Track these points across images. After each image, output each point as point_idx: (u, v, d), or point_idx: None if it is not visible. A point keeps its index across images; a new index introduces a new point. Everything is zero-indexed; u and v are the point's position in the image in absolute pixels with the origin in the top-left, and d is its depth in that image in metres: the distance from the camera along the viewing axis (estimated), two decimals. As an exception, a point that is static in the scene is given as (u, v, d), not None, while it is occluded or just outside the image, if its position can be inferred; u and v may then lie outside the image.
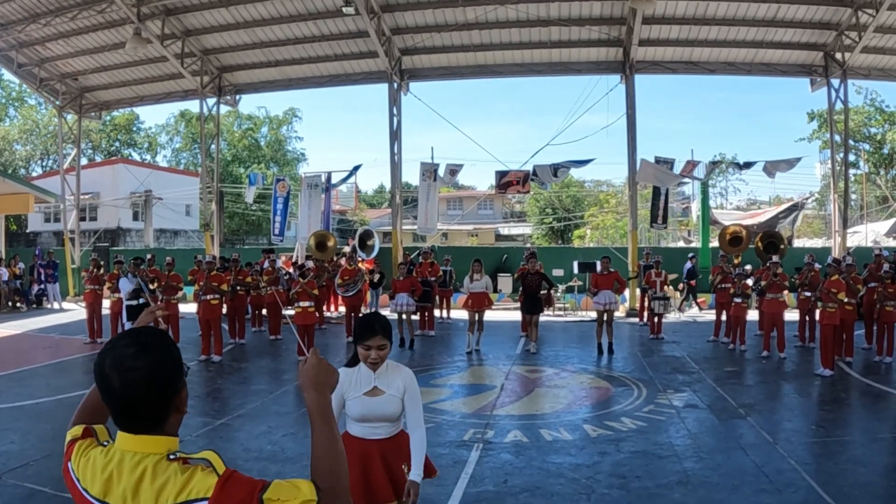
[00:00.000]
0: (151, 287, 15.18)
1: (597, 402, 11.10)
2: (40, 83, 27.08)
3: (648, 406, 10.52)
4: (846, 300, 13.22)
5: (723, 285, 16.72)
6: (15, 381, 12.54)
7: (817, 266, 16.19)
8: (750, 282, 16.60)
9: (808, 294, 14.96)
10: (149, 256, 18.37)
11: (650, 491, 7.06)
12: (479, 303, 16.15)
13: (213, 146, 29.26)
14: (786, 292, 15.35)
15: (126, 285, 13.43)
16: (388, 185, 33.04)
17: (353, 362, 4.49)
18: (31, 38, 24.56)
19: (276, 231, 26.60)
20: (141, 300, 12.96)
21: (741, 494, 6.88)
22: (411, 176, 46.37)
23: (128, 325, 12.98)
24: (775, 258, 15.66)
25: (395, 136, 25.17)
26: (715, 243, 22.90)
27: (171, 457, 1.95)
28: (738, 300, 15.64)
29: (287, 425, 9.52)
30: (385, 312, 22.00)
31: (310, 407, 2.15)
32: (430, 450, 8.33)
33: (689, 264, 22.32)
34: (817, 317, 13.80)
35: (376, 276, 21.64)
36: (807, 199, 35.77)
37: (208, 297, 14.79)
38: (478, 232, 56.99)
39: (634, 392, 11.55)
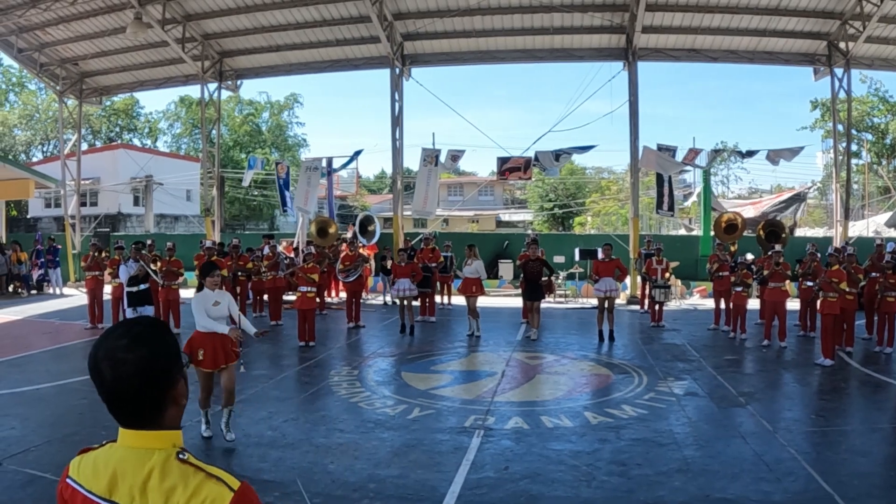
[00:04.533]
0: (153, 268, 15.15)
1: (597, 390, 11.10)
2: (40, 68, 26.99)
3: (649, 394, 10.53)
4: (847, 290, 13.21)
5: (720, 273, 16.71)
6: (15, 366, 12.53)
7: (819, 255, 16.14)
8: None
9: (809, 284, 14.92)
10: (149, 242, 18.28)
11: (650, 478, 7.06)
12: (467, 288, 16.21)
13: (213, 131, 29.21)
14: (787, 282, 15.30)
15: (125, 272, 13.39)
16: (389, 171, 32.95)
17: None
18: (31, 22, 24.46)
19: (287, 207, 26.38)
20: (142, 286, 12.93)
21: (741, 483, 6.89)
22: (413, 161, 46.16)
23: (129, 311, 12.97)
24: (777, 247, 15.63)
25: (396, 121, 25.09)
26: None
27: (181, 456, 1.90)
28: (738, 289, 15.62)
29: (287, 411, 9.53)
30: (387, 298, 22.09)
31: None
32: (431, 436, 8.38)
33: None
34: (818, 306, 13.77)
35: (389, 263, 21.57)
36: (809, 189, 35.66)
37: (208, 282, 14.76)
38: (478, 218, 56.93)
39: (635, 379, 11.55)
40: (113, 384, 1.89)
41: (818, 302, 13.76)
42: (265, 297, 19.22)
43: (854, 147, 33.44)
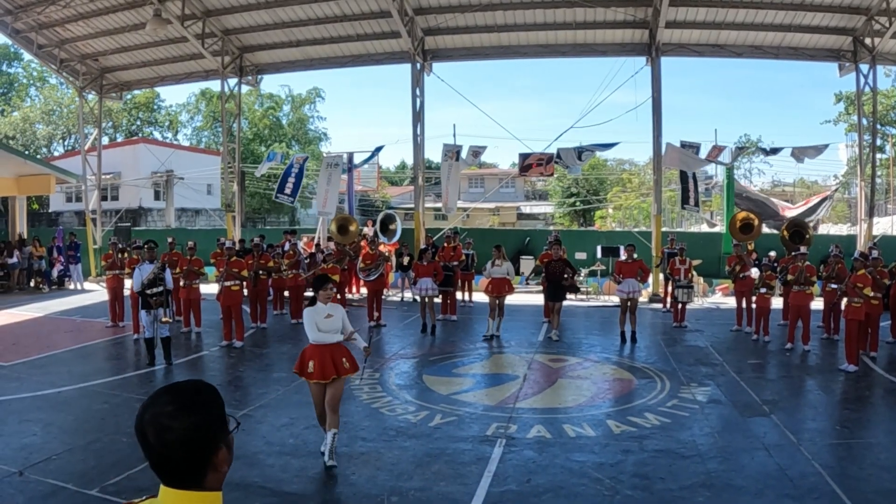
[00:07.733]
0: (170, 287, 14.89)
1: (620, 396, 11.01)
2: (60, 64, 27.12)
3: (672, 401, 10.43)
4: (872, 294, 13.04)
5: (743, 274, 16.55)
6: (37, 367, 12.57)
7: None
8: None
9: (833, 286, 14.71)
10: (170, 240, 18.22)
11: (674, 493, 7.00)
12: (499, 288, 16.06)
13: (234, 126, 29.27)
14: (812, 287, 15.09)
15: (139, 276, 13.14)
16: (409, 162, 32.85)
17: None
18: (51, 19, 24.58)
19: (287, 191, 26.15)
20: (159, 288, 12.80)
21: (765, 500, 6.83)
22: (432, 152, 46.06)
23: (142, 314, 12.90)
24: (803, 249, 15.42)
25: (417, 117, 25.02)
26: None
27: None
28: (762, 290, 15.45)
29: (309, 417, 9.42)
30: (405, 295, 22.07)
31: None
32: (454, 445, 8.33)
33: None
34: (843, 311, 13.60)
35: (405, 259, 21.52)
36: (836, 190, 35.28)
37: (228, 283, 14.76)
38: (499, 210, 56.84)
39: (658, 385, 11.46)
40: (156, 449, 1.95)
41: (843, 306, 13.59)
42: (286, 293, 19.22)
43: (878, 141, 33.09)
